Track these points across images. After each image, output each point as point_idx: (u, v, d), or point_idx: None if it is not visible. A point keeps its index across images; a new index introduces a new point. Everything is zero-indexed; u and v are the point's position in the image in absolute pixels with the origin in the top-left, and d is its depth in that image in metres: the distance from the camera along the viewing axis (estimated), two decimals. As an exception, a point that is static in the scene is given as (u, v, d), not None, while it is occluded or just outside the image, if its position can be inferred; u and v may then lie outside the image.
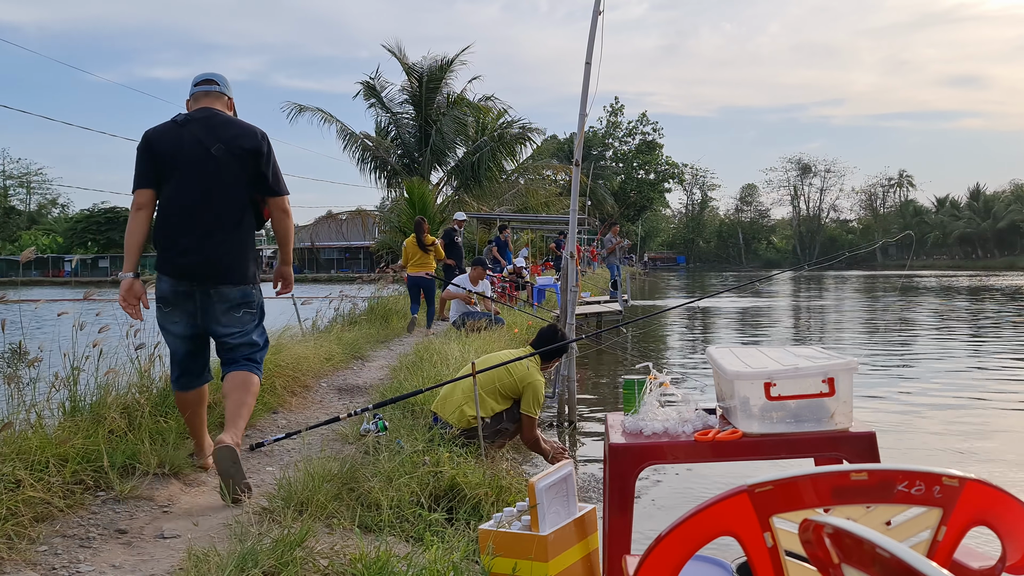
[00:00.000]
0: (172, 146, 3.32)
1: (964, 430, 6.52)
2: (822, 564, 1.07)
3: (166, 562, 2.66)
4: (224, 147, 3.31)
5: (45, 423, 3.43)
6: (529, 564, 2.47)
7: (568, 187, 13.51)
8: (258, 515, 3.08)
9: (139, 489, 3.25)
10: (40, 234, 67.75)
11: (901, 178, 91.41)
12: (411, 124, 23.72)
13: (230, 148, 3.32)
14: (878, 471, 1.38)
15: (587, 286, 19.44)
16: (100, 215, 64.08)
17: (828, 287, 34.23)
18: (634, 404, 2.51)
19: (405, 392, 4.97)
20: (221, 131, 3.35)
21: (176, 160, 3.31)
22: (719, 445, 2.27)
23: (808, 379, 2.23)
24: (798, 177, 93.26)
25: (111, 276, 52.87)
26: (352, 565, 2.54)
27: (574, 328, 6.56)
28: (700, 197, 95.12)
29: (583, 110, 6.41)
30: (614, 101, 74.66)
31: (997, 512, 1.43)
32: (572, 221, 6.79)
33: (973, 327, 15.38)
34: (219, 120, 3.40)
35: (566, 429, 6.57)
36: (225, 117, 3.44)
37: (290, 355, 5.88)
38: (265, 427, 4.79)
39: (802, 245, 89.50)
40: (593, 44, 6.39)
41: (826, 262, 25.02)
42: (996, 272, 53.55)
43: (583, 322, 12.87)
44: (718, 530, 1.43)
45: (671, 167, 76.09)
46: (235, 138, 3.35)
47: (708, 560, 2.09)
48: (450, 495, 3.46)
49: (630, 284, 23.97)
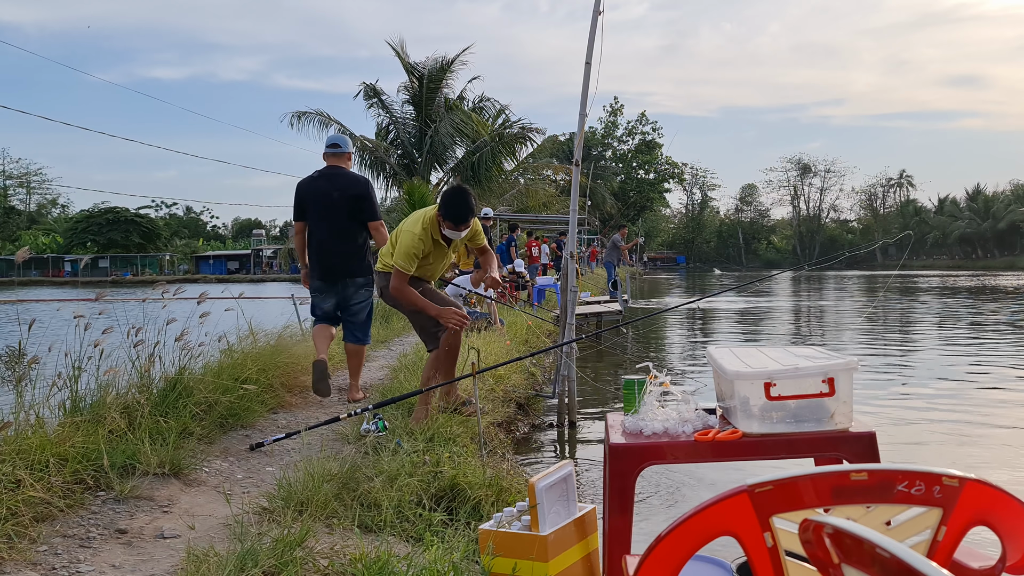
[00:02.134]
0: (310, 193, 5.34)
1: (964, 430, 6.52)
2: (822, 564, 1.07)
3: (166, 562, 2.66)
4: (340, 193, 5.28)
5: (46, 423, 3.43)
6: (529, 564, 2.47)
7: (568, 187, 13.53)
8: (258, 515, 3.09)
9: (139, 489, 3.25)
10: (40, 234, 67.76)
11: (901, 178, 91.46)
12: (411, 125, 23.72)
13: (343, 193, 5.28)
14: (878, 471, 1.38)
15: (587, 286, 19.46)
16: (100, 215, 64.07)
17: (828, 287, 34.23)
18: (634, 404, 2.51)
19: (405, 392, 4.97)
20: (339, 182, 5.34)
21: (313, 202, 5.31)
22: (719, 445, 2.27)
23: (808, 379, 2.23)
24: (798, 177, 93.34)
25: (111, 276, 52.91)
26: (352, 565, 2.54)
27: (574, 328, 6.56)
28: (700, 197, 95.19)
29: (583, 110, 6.41)
30: (614, 101, 74.76)
31: (997, 512, 1.43)
32: (572, 221, 6.79)
33: (973, 327, 15.38)
34: (338, 174, 5.40)
35: (566, 429, 6.57)
36: (342, 171, 5.42)
37: (290, 355, 5.87)
38: (265, 427, 4.79)
39: (802, 245, 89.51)
40: (593, 44, 6.39)
41: (826, 262, 25.06)
42: (996, 272, 53.53)
43: (583, 322, 12.87)
44: (718, 530, 1.43)
45: (671, 167, 76.10)
46: (347, 187, 5.32)
47: (708, 560, 2.09)
48: (450, 495, 3.46)
49: (630, 284, 23.98)
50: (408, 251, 4.41)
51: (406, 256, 4.40)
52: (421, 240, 4.43)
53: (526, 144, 24.74)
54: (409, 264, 4.41)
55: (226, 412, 4.48)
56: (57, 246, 64.19)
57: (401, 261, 4.40)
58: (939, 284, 35.23)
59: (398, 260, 4.41)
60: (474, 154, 22.87)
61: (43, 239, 66.18)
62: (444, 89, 23.52)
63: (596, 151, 70.14)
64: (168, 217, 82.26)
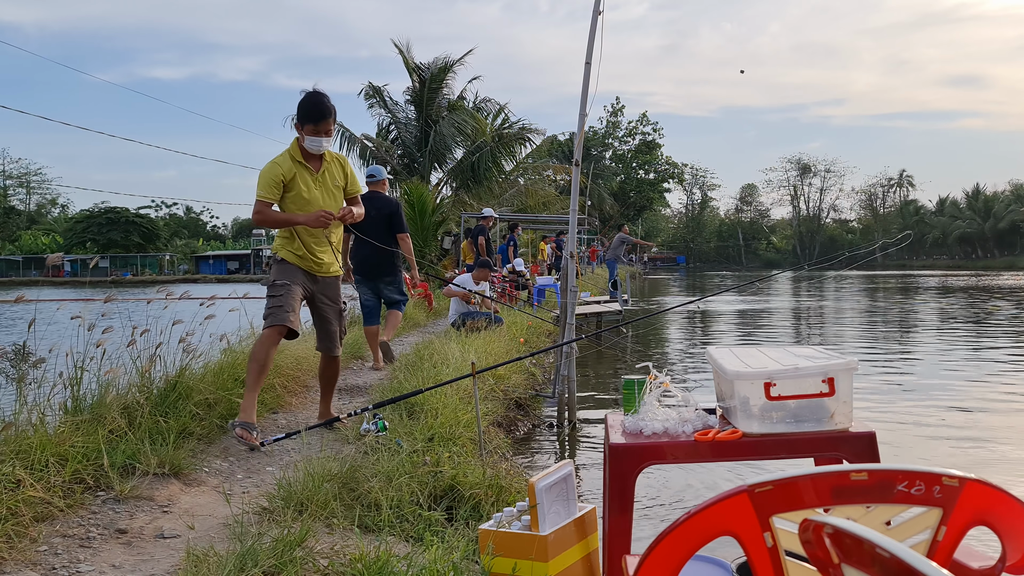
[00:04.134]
0: None
1: (964, 430, 6.52)
2: (822, 564, 1.07)
3: (166, 562, 2.66)
4: (377, 212, 6.62)
5: (46, 423, 3.43)
6: (529, 564, 2.47)
7: (567, 187, 13.51)
8: (258, 515, 3.09)
9: (139, 489, 3.25)
10: (40, 234, 67.73)
11: (901, 178, 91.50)
12: (412, 125, 23.72)
13: (380, 212, 6.74)
14: (878, 471, 1.38)
15: (587, 286, 19.45)
16: (100, 215, 64.03)
17: (828, 287, 34.23)
18: (634, 404, 2.51)
19: (405, 392, 4.97)
20: (376, 203, 6.68)
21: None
22: (719, 445, 2.27)
23: (808, 379, 2.23)
24: (798, 177, 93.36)
25: (111, 276, 52.88)
26: (352, 565, 2.54)
27: (574, 328, 6.56)
28: (700, 197, 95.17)
29: (583, 110, 6.41)
30: (615, 101, 74.74)
31: (997, 512, 1.43)
32: (572, 221, 6.79)
33: (973, 326, 15.38)
34: (376, 197, 6.89)
35: (566, 429, 6.57)
36: (379, 195, 7.02)
37: (290, 355, 5.88)
38: (265, 427, 4.79)
39: (802, 245, 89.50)
40: (593, 44, 6.39)
41: (826, 262, 25.02)
42: (996, 272, 53.51)
43: (583, 322, 12.87)
44: (718, 530, 1.43)
45: (671, 167, 76.08)
46: (382, 207, 6.83)
47: (708, 560, 2.09)
48: (450, 495, 3.46)
49: (630, 284, 23.97)
50: (267, 178, 4.19)
51: (265, 184, 4.18)
52: (278, 164, 4.23)
53: (525, 144, 24.75)
54: (269, 192, 4.18)
55: (226, 412, 4.48)
56: (57, 246, 64.16)
57: (261, 191, 4.18)
58: (939, 284, 35.23)
59: (258, 191, 4.18)
60: (474, 154, 22.86)
61: (43, 239, 66.15)
62: (444, 89, 23.53)
63: (596, 151, 70.09)
64: (168, 217, 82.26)
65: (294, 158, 4.26)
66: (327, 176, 4.35)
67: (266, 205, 4.21)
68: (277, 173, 4.20)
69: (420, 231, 18.50)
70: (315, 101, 4.20)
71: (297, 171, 4.26)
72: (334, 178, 4.40)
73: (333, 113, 4.25)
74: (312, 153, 4.29)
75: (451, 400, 4.88)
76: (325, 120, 4.19)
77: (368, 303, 7.14)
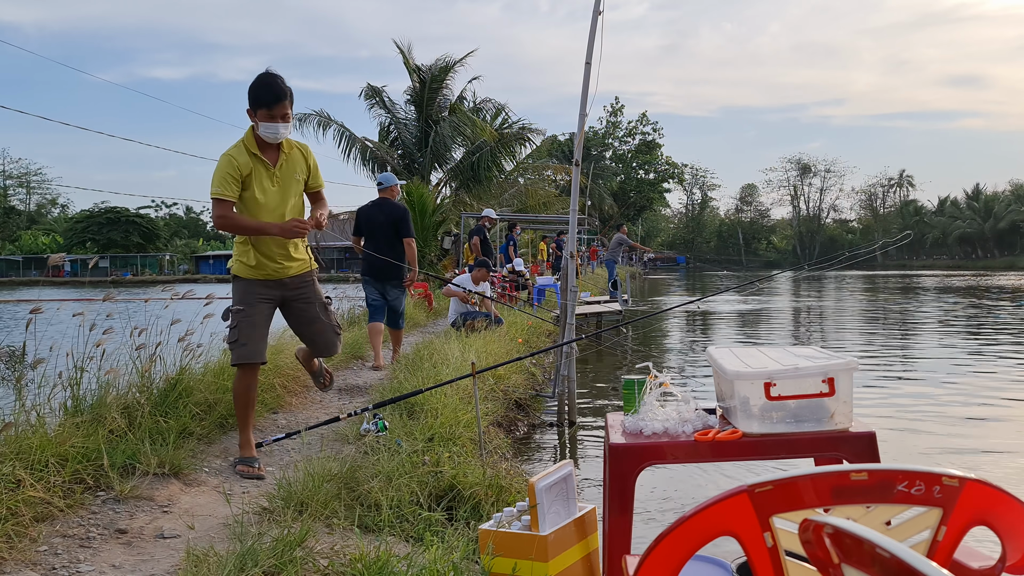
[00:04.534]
0: (364, 217, 7.24)
1: (964, 430, 6.52)
2: (822, 564, 1.07)
3: (166, 562, 2.66)
4: (385, 217, 7.14)
5: (46, 423, 3.43)
6: (529, 564, 2.47)
7: (567, 187, 13.51)
8: (258, 515, 3.09)
9: (139, 489, 3.25)
10: (40, 234, 67.72)
11: (901, 178, 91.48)
12: (412, 125, 23.72)
13: (388, 217, 7.14)
14: (878, 471, 1.38)
15: (587, 286, 19.45)
16: (100, 215, 64.03)
17: (828, 287, 34.23)
18: (634, 404, 2.51)
19: (405, 392, 4.97)
20: (385, 208, 7.21)
21: (366, 223, 7.21)
22: (719, 445, 2.27)
23: (808, 379, 2.23)
24: (798, 177, 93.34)
25: (111, 276, 52.88)
26: (352, 565, 2.54)
27: (574, 328, 6.56)
28: (700, 197, 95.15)
29: (583, 110, 6.41)
30: (614, 101, 74.72)
31: (997, 512, 1.43)
32: (572, 221, 6.79)
33: (973, 326, 15.38)
34: (385, 202, 7.30)
35: (566, 429, 6.57)
36: (388, 201, 7.32)
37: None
38: (265, 427, 4.79)
39: (802, 245, 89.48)
40: (593, 44, 6.39)
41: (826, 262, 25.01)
42: (996, 272, 53.50)
43: (583, 322, 12.87)
44: (718, 530, 1.43)
45: (671, 167, 76.06)
46: (390, 213, 7.17)
47: (708, 560, 2.09)
48: (450, 495, 3.46)
49: (630, 284, 23.97)
50: (223, 172, 3.72)
51: (222, 179, 3.71)
52: (233, 157, 3.76)
53: (525, 144, 24.74)
54: (227, 188, 3.71)
55: (226, 412, 4.48)
56: (57, 246, 64.14)
57: (217, 187, 3.71)
58: (939, 284, 35.22)
59: (214, 188, 3.72)
60: (474, 154, 22.86)
61: (43, 239, 66.14)
62: (444, 90, 23.52)
63: (596, 151, 70.07)
64: (168, 217, 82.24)
65: (249, 150, 3.79)
66: (285, 169, 3.88)
67: (227, 206, 3.74)
68: (234, 167, 3.73)
69: (420, 231, 18.51)
70: (266, 82, 3.71)
71: (253, 166, 3.79)
72: (294, 170, 3.92)
73: (289, 95, 3.76)
74: (268, 143, 3.81)
75: (451, 400, 4.88)
76: (280, 103, 3.70)
77: (375, 302, 7.26)
